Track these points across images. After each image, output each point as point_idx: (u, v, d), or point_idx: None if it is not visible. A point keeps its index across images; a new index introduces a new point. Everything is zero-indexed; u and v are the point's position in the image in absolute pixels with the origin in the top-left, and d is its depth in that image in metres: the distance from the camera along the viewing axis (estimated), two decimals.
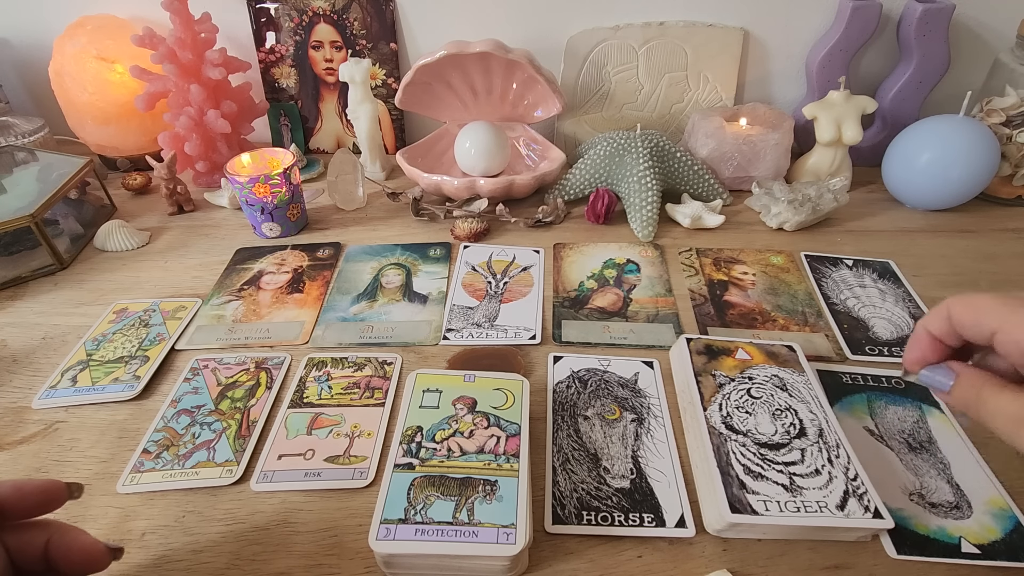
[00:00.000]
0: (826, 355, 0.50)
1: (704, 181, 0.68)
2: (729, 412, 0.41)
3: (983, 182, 0.64)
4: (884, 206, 0.70)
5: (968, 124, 0.62)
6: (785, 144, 0.69)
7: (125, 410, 0.47)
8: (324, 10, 0.76)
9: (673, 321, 0.54)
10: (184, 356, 0.52)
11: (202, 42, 0.69)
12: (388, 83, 0.79)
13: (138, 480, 0.41)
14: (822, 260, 0.61)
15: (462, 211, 0.67)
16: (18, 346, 0.53)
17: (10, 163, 0.69)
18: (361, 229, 0.68)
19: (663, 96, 0.78)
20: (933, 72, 0.70)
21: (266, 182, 0.62)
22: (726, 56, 0.75)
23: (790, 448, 0.39)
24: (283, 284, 0.60)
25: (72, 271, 0.63)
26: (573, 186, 0.70)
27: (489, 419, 0.40)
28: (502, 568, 0.34)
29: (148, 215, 0.72)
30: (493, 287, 0.58)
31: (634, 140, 0.66)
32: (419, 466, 0.37)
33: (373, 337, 0.53)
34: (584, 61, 0.76)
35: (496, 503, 0.35)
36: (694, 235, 0.65)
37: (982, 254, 0.62)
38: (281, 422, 0.45)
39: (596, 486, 0.40)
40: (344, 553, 0.37)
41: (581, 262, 0.61)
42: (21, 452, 0.44)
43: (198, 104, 0.68)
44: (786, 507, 0.35)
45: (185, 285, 0.60)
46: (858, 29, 0.69)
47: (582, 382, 0.47)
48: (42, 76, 0.76)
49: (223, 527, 0.38)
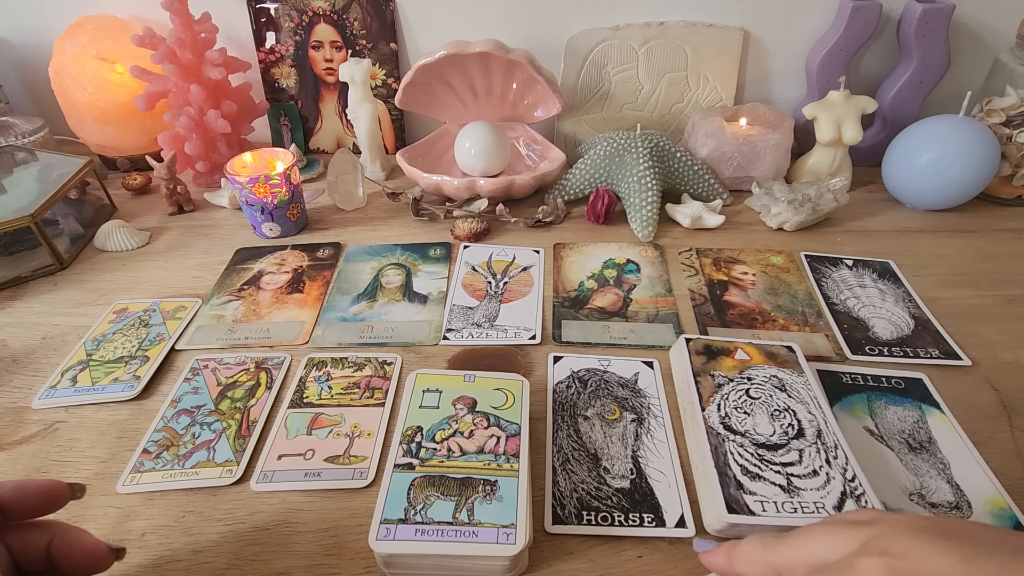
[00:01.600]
0: (826, 355, 0.50)
1: (704, 181, 0.68)
2: (727, 412, 0.41)
3: (983, 182, 0.64)
4: (884, 206, 0.70)
5: (968, 124, 0.62)
6: (785, 144, 0.69)
7: (125, 410, 0.47)
8: (324, 10, 0.76)
9: (673, 321, 0.54)
10: (184, 356, 0.52)
11: (202, 42, 0.69)
12: (388, 83, 0.79)
13: (138, 480, 0.41)
14: (822, 260, 0.61)
15: (462, 211, 0.67)
16: (18, 346, 0.53)
17: (10, 163, 0.69)
18: (361, 229, 0.68)
19: (663, 96, 0.78)
20: (933, 72, 0.70)
21: (266, 182, 0.62)
22: (726, 56, 0.75)
23: (788, 449, 0.39)
24: (283, 284, 0.60)
25: (72, 271, 0.63)
26: (573, 186, 0.70)
27: (489, 419, 0.40)
28: (502, 568, 0.34)
29: (148, 215, 0.72)
30: (493, 287, 0.58)
31: (634, 140, 0.66)
32: (419, 466, 0.37)
33: (373, 337, 0.53)
34: (584, 61, 0.76)
35: (496, 503, 0.35)
36: (694, 235, 0.65)
37: (982, 254, 0.62)
38: (281, 422, 0.45)
39: (596, 486, 0.40)
40: (344, 553, 0.37)
41: (581, 262, 0.61)
42: (21, 452, 0.44)
43: (198, 104, 0.68)
44: (783, 508, 0.35)
45: (185, 285, 0.60)
46: (858, 29, 0.69)
47: (582, 382, 0.47)
48: (42, 76, 0.76)
49: (223, 527, 0.38)
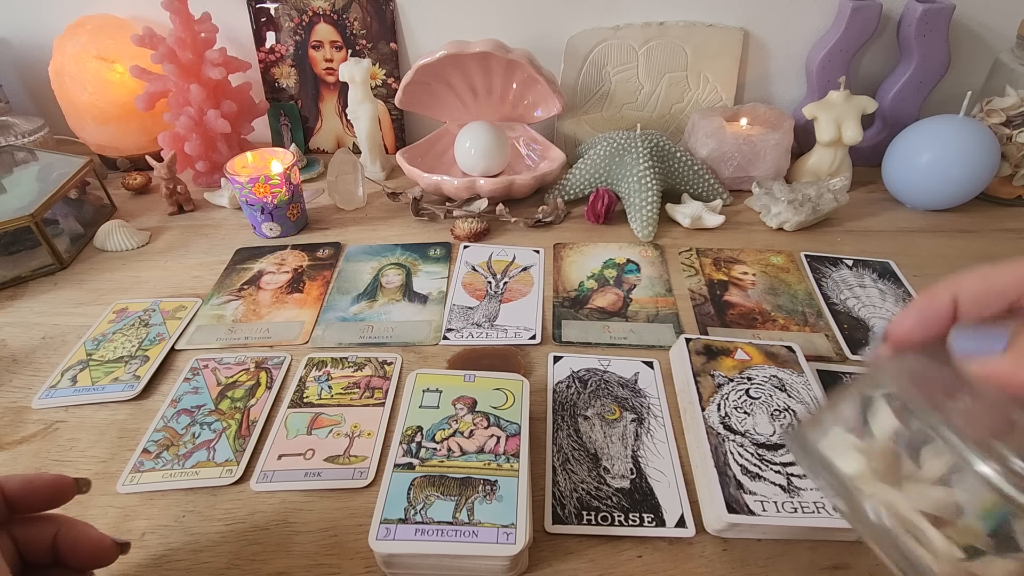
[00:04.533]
0: (826, 355, 0.50)
1: (704, 181, 0.68)
2: (727, 412, 0.41)
3: (983, 182, 0.64)
4: (884, 206, 0.70)
5: (968, 124, 0.62)
6: (785, 144, 0.69)
7: (125, 410, 0.47)
8: (324, 10, 0.76)
9: (673, 321, 0.54)
10: (184, 356, 0.52)
11: (202, 42, 0.69)
12: (388, 83, 0.79)
13: (138, 480, 0.41)
14: (822, 260, 0.61)
15: (462, 211, 0.67)
16: (18, 346, 0.53)
17: (10, 163, 0.69)
18: (361, 229, 0.68)
19: (663, 96, 0.78)
20: (933, 72, 0.70)
21: (266, 182, 0.62)
22: (726, 56, 0.75)
23: (788, 449, 0.39)
24: (283, 284, 0.60)
25: (72, 271, 0.63)
26: (573, 186, 0.70)
27: (489, 419, 0.40)
28: (502, 568, 0.34)
29: (148, 215, 0.72)
30: (493, 287, 0.58)
31: (634, 140, 0.66)
32: (419, 466, 0.37)
33: (373, 337, 0.53)
34: (584, 61, 0.76)
35: (496, 503, 0.35)
36: (694, 235, 0.65)
37: (982, 254, 0.62)
38: (281, 422, 0.45)
39: (596, 486, 0.40)
40: (344, 553, 0.37)
41: (581, 262, 0.61)
42: (21, 452, 0.44)
43: (198, 104, 0.68)
44: (783, 508, 0.35)
45: (185, 285, 0.60)
46: (858, 29, 0.69)
47: (582, 382, 0.47)
48: (42, 76, 0.76)
49: (223, 527, 0.38)
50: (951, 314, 0.24)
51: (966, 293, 0.24)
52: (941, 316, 0.24)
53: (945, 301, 0.25)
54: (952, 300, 0.24)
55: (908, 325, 0.25)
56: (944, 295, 0.25)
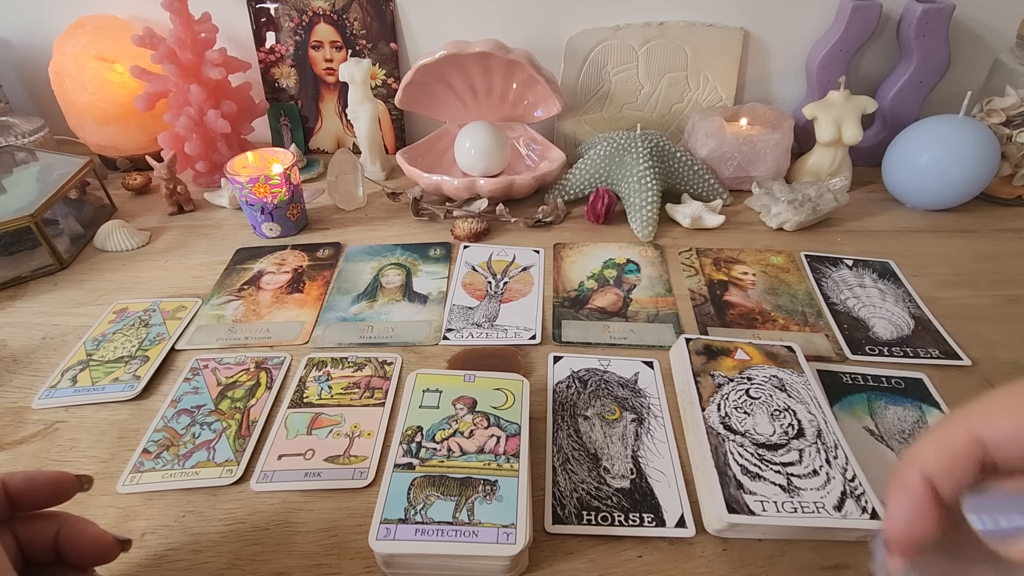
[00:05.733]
0: (826, 355, 0.50)
1: (704, 181, 0.68)
2: (727, 412, 0.41)
3: (983, 182, 0.64)
4: (884, 206, 0.70)
5: (968, 124, 0.62)
6: (785, 144, 0.69)
7: (125, 410, 0.47)
8: (324, 10, 0.76)
9: (673, 321, 0.54)
10: (184, 356, 0.52)
11: (202, 42, 0.69)
12: (388, 83, 0.79)
13: (138, 480, 0.41)
14: (822, 260, 0.61)
15: (462, 211, 0.67)
16: (18, 346, 0.53)
17: (10, 163, 0.69)
18: (361, 229, 0.68)
19: (663, 96, 0.78)
20: (933, 72, 0.70)
21: (266, 182, 0.62)
22: (726, 56, 0.75)
23: (788, 448, 0.39)
24: (283, 284, 0.60)
25: (72, 271, 0.63)
26: (573, 186, 0.70)
27: (489, 419, 0.40)
28: (502, 568, 0.34)
29: (148, 215, 0.72)
30: (493, 287, 0.58)
31: (634, 140, 0.66)
32: (419, 466, 0.37)
33: (373, 337, 0.53)
34: (584, 61, 0.76)
35: (496, 503, 0.35)
36: (694, 235, 0.65)
37: (982, 254, 0.62)
38: (281, 422, 0.45)
39: (596, 486, 0.40)
40: (344, 553, 0.37)
41: (581, 262, 0.61)
42: (21, 452, 0.44)
43: (198, 104, 0.68)
44: (783, 508, 0.35)
45: (185, 285, 0.60)
46: (858, 29, 0.69)
47: (582, 382, 0.47)
48: (42, 76, 0.76)
49: (223, 527, 0.38)
50: (933, 494, 0.22)
51: (932, 468, 0.22)
52: (926, 503, 0.22)
53: (917, 484, 0.22)
54: (924, 479, 0.22)
55: (903, 528, 0.22)
56: (914, 477, 0.22)
